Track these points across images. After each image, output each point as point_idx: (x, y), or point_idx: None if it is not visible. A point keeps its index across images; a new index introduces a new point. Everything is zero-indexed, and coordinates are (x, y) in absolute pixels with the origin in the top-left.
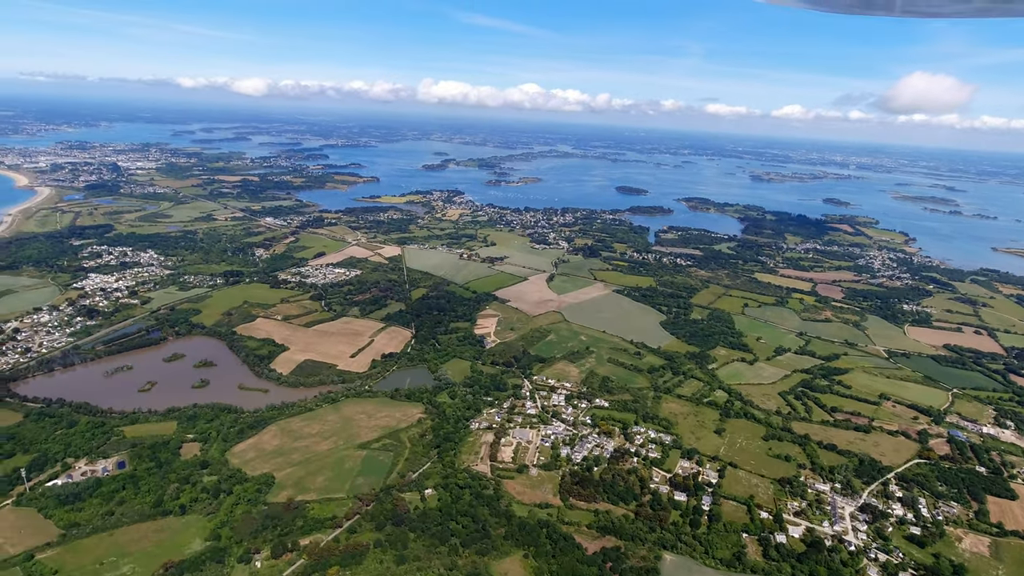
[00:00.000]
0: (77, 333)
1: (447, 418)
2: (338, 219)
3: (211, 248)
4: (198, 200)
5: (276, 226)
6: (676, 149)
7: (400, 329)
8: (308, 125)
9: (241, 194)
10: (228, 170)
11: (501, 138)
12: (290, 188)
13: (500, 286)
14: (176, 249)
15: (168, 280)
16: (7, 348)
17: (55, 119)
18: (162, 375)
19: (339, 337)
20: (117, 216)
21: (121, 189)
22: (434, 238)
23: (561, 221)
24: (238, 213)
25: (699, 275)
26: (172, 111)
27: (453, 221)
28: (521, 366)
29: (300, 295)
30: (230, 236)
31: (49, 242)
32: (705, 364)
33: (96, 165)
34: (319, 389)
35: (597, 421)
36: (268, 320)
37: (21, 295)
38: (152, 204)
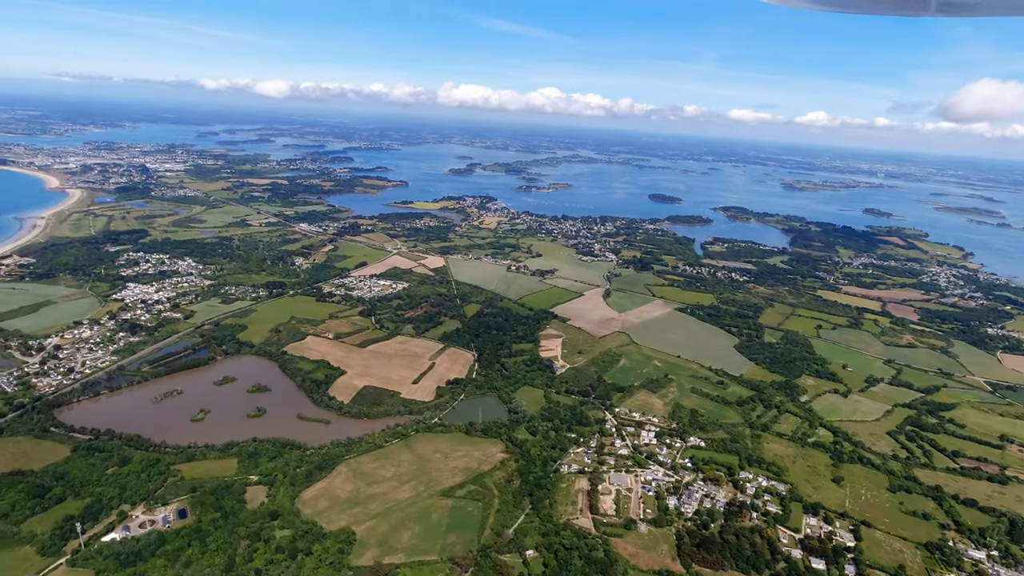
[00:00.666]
0: (121, 351)
1: (532, 459)
2: (374, 226)
3: (249, 256)
4: (230, 204)
5: (312, 233)
6: (699, 155)
7: (460, 351)
8: (328, 127)
9: (272, 198)
10: (256, 173)
11: (522, 142)
12: (320, 192)
13: (556, 302)
14: (214, 257)
15: (209, 291)
16: (49, 368)
17: (81, 119)
18: (215, 401)
19: (397, 359)
20: (150, 220)
21: (152, 192)
22: (476, 247)
23: (603, 231)
24: (272, 218)
25: (759, 292)
26: (195, 112)
27: (492, 229)
28: (599, 396)
29: (348, 310)
30: (267, 243)
31: (85, 248)
32: (796, 396)
33: (125, 167)
34: (385, 421)
35: (699, 465)
36: (319, 339)
37: (60, 306)
38: (184, 208)
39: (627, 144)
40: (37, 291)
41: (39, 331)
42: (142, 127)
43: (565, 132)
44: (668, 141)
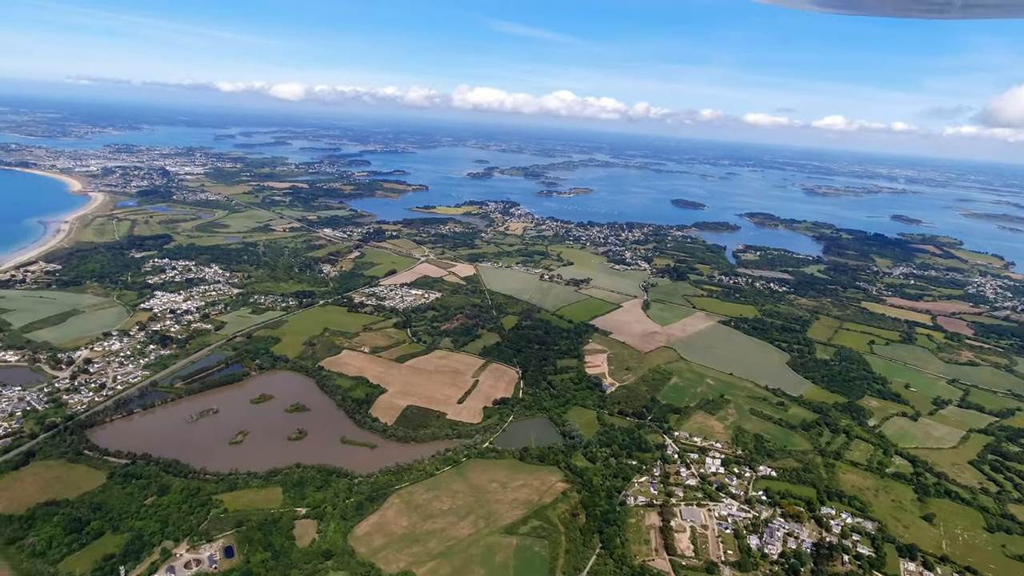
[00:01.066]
0: (152, 365)
1: (596, 490)
2: (399, 231)
3: (276, 263)
4: (252, 208)
5: (337, 238)
6: (715, 159)
7: (503, 367)
8: (343, 130)
9: (294, 202)
10: (275, 176)
11: (537, 146)
12: (341, 196)
13: (595, 314)
14: (240, 264)
15: (238, 301)
16: (80, 384)
17: (100, 121)
18: (252, 422)
19: (438, 376)
20: (173, 225)
21: (173, 195)
22: (504, 255)
23: (631, 238)
24: (295, 223)
25: (801, 303)
26: (210, 115)
27: (518, 236)
28: (655, 418)
29: (382, 321)
30: (292, 249)
31: (110, 254)
32: (862, 420)
33: (146, 170)
34: (433, 445)
35: (776, 499)
36: (355, 353)
37: (88, 316)
38: (206, 212)
39: (642, 148)
40: (64, 300)
41: (68, 343)
42: (160, 130)
43: (579, 136)
44: (682, 145)
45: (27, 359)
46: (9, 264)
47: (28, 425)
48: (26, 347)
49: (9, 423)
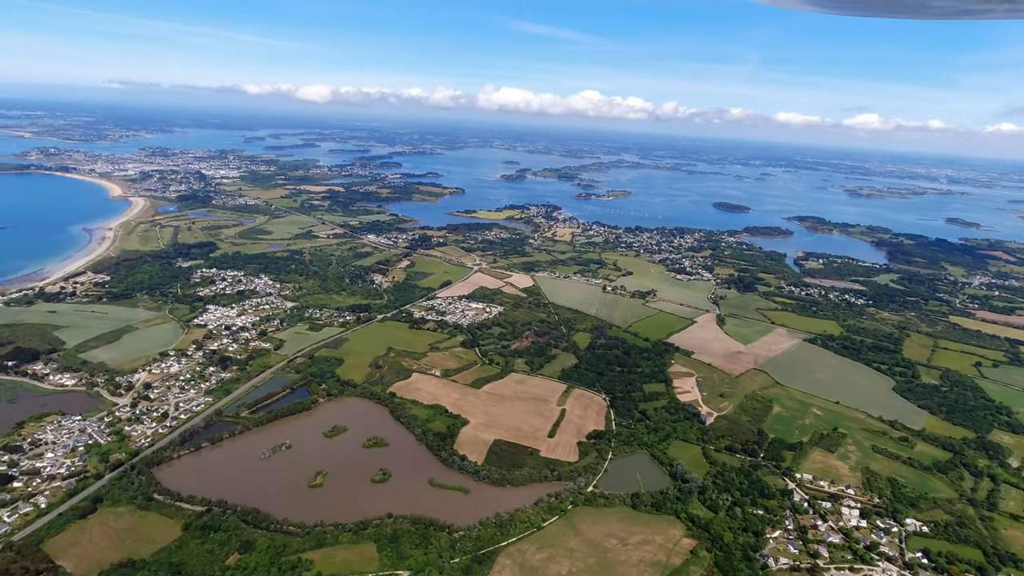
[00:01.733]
0: (214, 391)
1: (728, 549)
2: (444, 238)
3: (325, 273)
4: (291, 214)
5: (383, 245)
6: (745, 160)
7: (588, 393)
8: (369, 131)
9: (332, 207)
10: (310, 179)
11: (564, 147)
12: (378, 200)
13: (670, 331)
14: (288, 273)
15: (294, 316)
16: (142, 412)
17: (133, 125)
18: (329, 460)
19: (521, 404)
20: (216, 232)
21: (213, 200)
22: (559, 263)
23: (685, 244)
24: (337, 229)
25: (884, 317)
26: (238, 117)
27: (568, 242)
28: (768, 456)
29: (447, 339)
30: (339, 258)
31: (157, 264)
32: (1002, 459)
33: (182, 174)
34: (532, 490)
35: (940, 562)
36: (426, 377)
37: (142, 333)
38: (247, 218)
39: (670, 148)
40: (116, 314)
41: (125, 364)
42: (191, 132)
43: (605, 136)
44: (708, 145)
45: (84, 383)
46: (58, 275)
47: (92, 463)
48: (83, 369)
49: (72, 460)
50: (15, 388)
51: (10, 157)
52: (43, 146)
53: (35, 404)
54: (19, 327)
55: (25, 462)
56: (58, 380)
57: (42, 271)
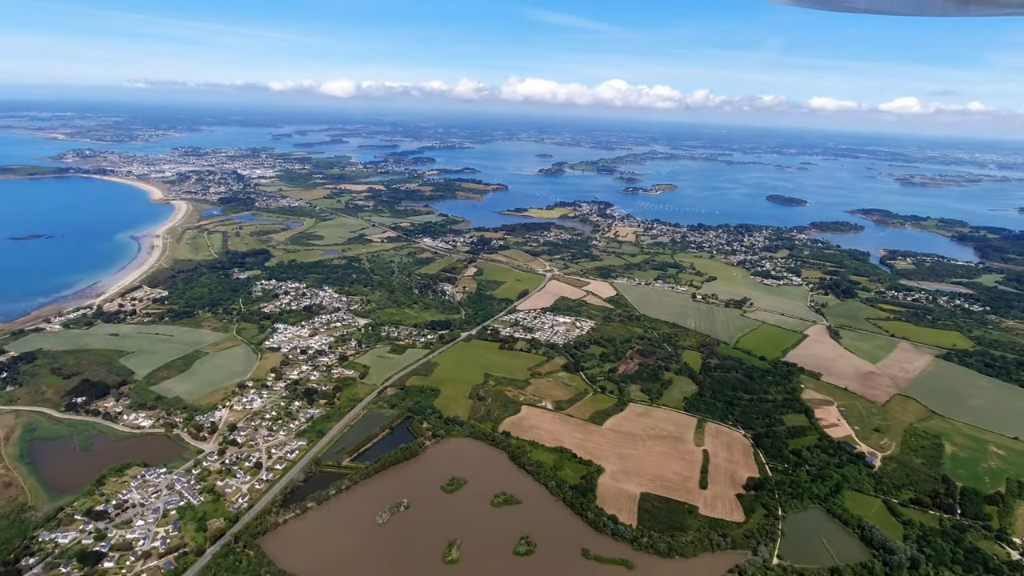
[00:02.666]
0: (306, 432)
1: None
2: (504, 240)
3: (390, 283)
4: (338, 215)
5: (442, 250)
6: (779, 148)
7: (723, 428)
8: (392, 125)
9: (378, 207)
10: (347, 177)
11: (592, 138)
12: (423, 198)
13: (782, 346)
14: (352, 284)
15: (370, 335)
16: (231, 462)
17: (161, 124)
18: (458, 523)
19: (654, 444)
20: (266, 238)
21: (255, 203)
22: (633, 268)
23: (757, 244)
24: (389, 231)
25: (1011, 327)
26: (262, 113)
27: (633, 243)
28: (968, 512)
29: (545, 362)
30: (401, 264)
31: (213, 276)
32: None
33: (219, 174)
34: (705, 561)
35: None
36: (537, 410)
37: (214, 360)
38: (294, 220)
39: (699, 138)
40: (181, 336)
41: (201, 398)
42: (218, 130)
43: (631, 127)
44: (736, 133)
45: (162, 423)
46: (113, 290)
47: (188, 532)
48: (158, 406)
49: (165, 528)
50: (88, 431)
51: (47, 160)
52: (78, 148)
53: (112, 451)
54: (83, 354)
55: (114, 532)
56: (133, 420)
57: (96, 285)
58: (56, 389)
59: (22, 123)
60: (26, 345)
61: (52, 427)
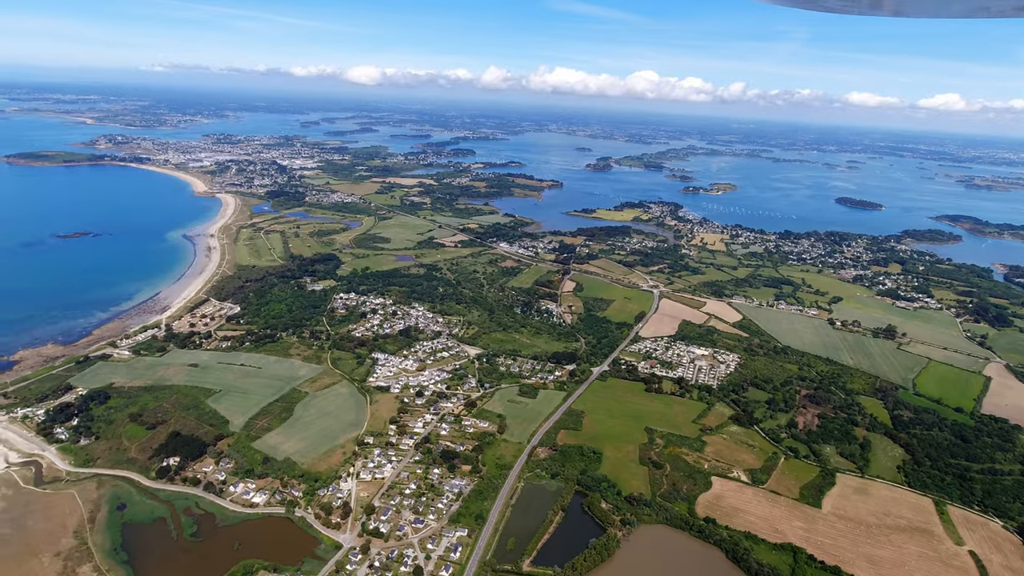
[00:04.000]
0: (461, 518)
1: None
2: (588, 247)
3: (483, 298)
4: (397, 213)
5: (523, 257)
6: (817, 144)
7: (973, 516)
8: (418, 114)
9: (436, 204)
10: (391, 170)
11: (622, 130)
12: (478, 195)
13: (968, 392)
14: (444, 300)
15: (488, 370)
16: (383, 564)
17: (186, 109)
18: None
19: (899, 539)
20: (328, 239)
21: (305, 197)
22: (743, 284)
23: (862, 256)
24: (459, 235)
25: None
26: (285, 100)
27: (725, 252)
28: None
29: (705, 410)
30: (486, 275)
31: (285, 286)
32: None
33: (259, 164)
34: None
35: None
36: (733, 484)
37: (316, 403)
38: (352, 219)
39: (730, 132)
40: (270, 368)
41: (317, 460)
42: (244, 116)
43: (661, 120)
44: (765, 128)
45: (279, 499)
46: (178, 303)
47: None
48: (268, 472)
49: None
50: (191, 509)
51: (80, 146)
52: (109, 133)
53: (226, 542)
54: (163, 392)
55: None
56: (243, 495)
57: (158, 298)
58: (140, 444)
59: (48, 106)
60: (95, 378)
61: (145, 502)
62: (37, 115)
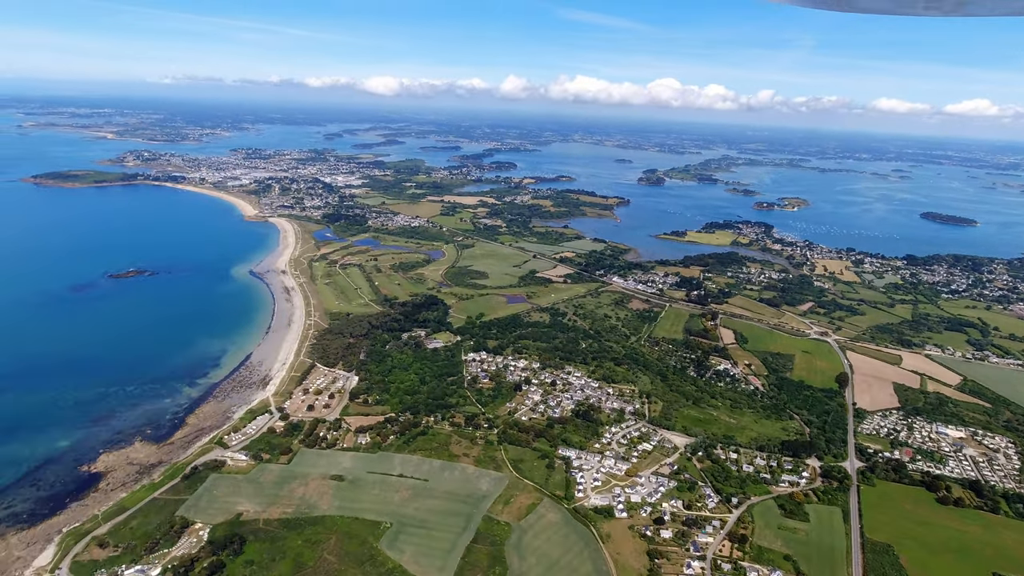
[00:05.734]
0: None
1: None
2: (710, 279)
3: (642, 356)
4: (477, 240)
5: (648, 295)
6: (850, 152)
7: None
8: (436, 125)
9: (513, 228)
10: (442, 187)
11: (647, 139)
12: (547, 215)
13: None
14: (599, 360)
15: (717, 473)
16: None
17: (202, 121)
18: None
19: None
20: (415, 275)
21: (368, 221)
22: (918, 327)
23: (1009, 285)
24: (560, 266)
25: None
26: (299, 111)
27: (862, 284)
28: None
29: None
30: (622, 320)
31: (398, 344)
32: None
33: (300, 182)
34: None
35: None
36: None
37: (531, 545)
38: (430, 247)
39: (753, 140)
40: (439, 480)
41: None
42: (263, 129)
43: (681, 128)
44: (786, 136)
45: None
46: (280, 371)
47: None
48: None
49: None
50: None
51: (107, 163)
52: (134, 149)
53: None
54: (314, 529)
55: None
56: None
57: (250, 362)
58: None
59: (63, 120)
60: (213, 504)
61: None
62: (54, 130)
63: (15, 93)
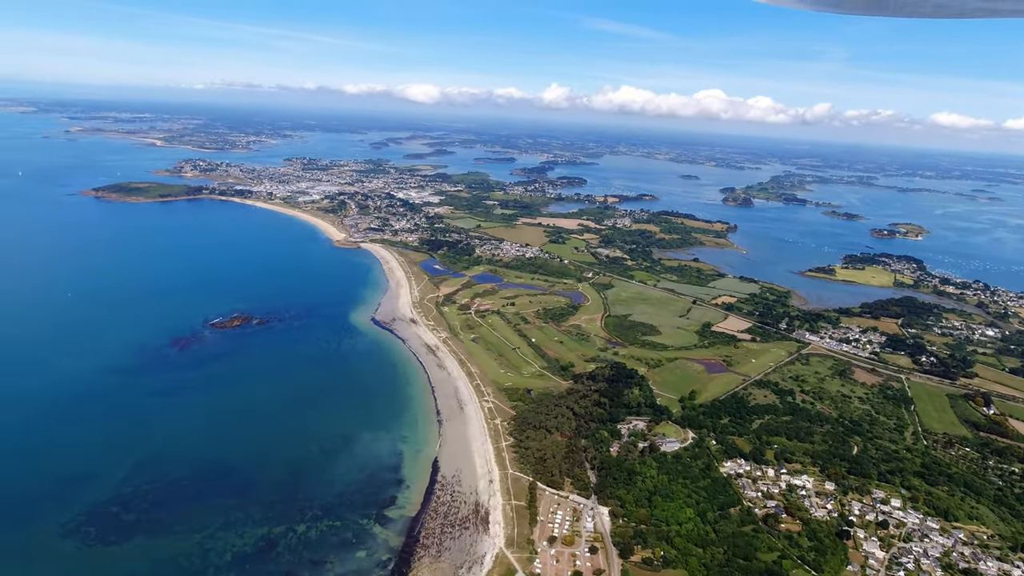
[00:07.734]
0: None
1: None
2: (920, 340)
3: (939, 467)
4: (610, 277)
5: (874, 364)
6: (914, 170)
7: None
8: (475, 133)
9: (639, 260)
10: (526, 207)
11: (696, 152)
12: (665, 245)
13: None
14: (897, 477)
15: None
16: None
17: (243, 128)
18: None
19: None
20: (570, 327)
21: (475, 251)
22: None
23: None
24: (733, 317)
25: None
26: (334, 118)
27: None
28: None
29: None
30: (870, 400)
31: (644, 459)
32: None
33: (375, 199)
34: None
35: None
36: None
37: None
38: (560, 285)
39: (802, 155)
40: None
41: None
42: (306, 136)
43: (726, 141)
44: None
45: None
46: (492, 499)
47: None
48: None
49: None
50: None
51: (165, 174)
52: (188, 158)
53: None
54: None
55: None
56: None
57: (442, 477)
58: None
59: (108, 125)
60: None
61: None
62: (102, 135)
63: (57, 97)
